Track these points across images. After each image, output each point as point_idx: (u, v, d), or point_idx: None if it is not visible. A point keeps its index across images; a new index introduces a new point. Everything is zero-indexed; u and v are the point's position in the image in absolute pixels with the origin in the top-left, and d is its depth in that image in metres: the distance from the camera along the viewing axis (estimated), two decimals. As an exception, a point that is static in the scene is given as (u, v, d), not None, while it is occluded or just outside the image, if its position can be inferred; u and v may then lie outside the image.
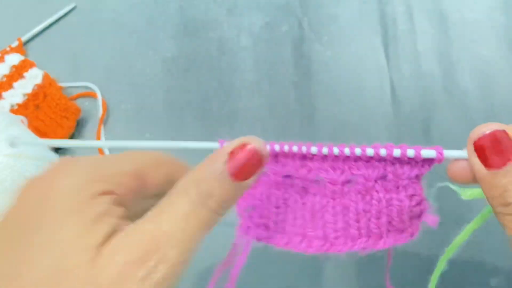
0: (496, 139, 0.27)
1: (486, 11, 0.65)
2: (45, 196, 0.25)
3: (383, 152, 0.28)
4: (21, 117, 0.55)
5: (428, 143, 0.58)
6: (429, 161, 0.29)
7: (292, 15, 0.66)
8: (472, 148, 0.27)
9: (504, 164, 0.26)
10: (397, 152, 0.28)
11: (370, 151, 0.28)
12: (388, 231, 0.29)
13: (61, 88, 0.61)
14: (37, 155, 0.51)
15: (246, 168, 0.26)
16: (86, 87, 0.62)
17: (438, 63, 0.62)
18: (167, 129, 0.60)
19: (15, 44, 0.63)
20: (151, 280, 0.24)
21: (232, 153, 0.26)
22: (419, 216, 0.30)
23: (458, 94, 0.61)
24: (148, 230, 0.25)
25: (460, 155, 0.29)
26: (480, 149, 0.27)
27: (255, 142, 0.27)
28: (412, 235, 0.29)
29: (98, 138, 0.59)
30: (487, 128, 0.27)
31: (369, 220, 0.29)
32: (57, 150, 0.58)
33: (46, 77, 0.60)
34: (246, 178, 0.27)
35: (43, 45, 0.65)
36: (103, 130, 0.60)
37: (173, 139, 0.59)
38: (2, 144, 0.49)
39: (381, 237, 0.29)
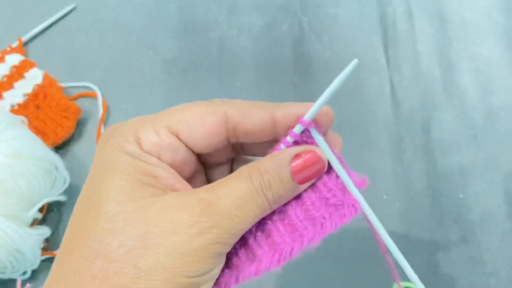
0: None
1: (486, 12, 0.65)
2: (104, 161, 0.28)
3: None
4: (22, 117, 0.55)
5: (428, 143, 0.58)
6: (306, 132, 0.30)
7: (292, 15, 0.66)
8: None
9: None
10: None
11: None
12: (329, 211, 0.29)
13: (61, 88, 0.61)
14: (38, 155, 0.51)
15: (308, 171, 0.29)
16: (86, 87, 0.62)
17: (438, 63, 0.62)
18: (167, 129, 0.60)
19: (15, 44, 0.63)
20: (203, 238, 0.25)
21: (297, 155, 0.29)
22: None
23: (458, 94, 0.61)
24: (205, 197, 0.26)
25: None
26: None
27: (319, 152, 0.29)
28: (354, 206, 0.29)
29: (98, 138, 0.59)
30: None
31: (307, 210, 0.29)
32: (57, 150, 0.58)
33: (46, 77, 0.60)
34: (303, 181, 0.29)
35: (43, 45, 0.65)
36: (103, 130, 0.60)
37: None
38: (2, 144, 0.49)
39: (324, 218, 0.29)
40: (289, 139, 0.30)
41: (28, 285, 0.43)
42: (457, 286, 0.52)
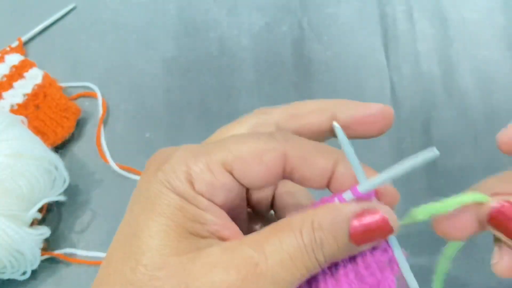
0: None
1: (486, 12, 0.65)
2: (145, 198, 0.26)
3: None
4: (21, 117, 0.55)
5: (428, 143, 0.58)
6: None
7: (292, 15, 0.66)
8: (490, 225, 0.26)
9: None
10: None
11: None
12: None
13: (61, 88, 0.60)
14: (37, 155, 0.51)
15: (370, 235, 0.25)
16: (86, 87, 0.62)
17: (438, 63, 0.62)
18: (167, 129, 0.60)
19: (15, 44, 0.63)
20: None
21: (360, 214, 0.25)
22: (389, 263, 0.27)
23: (458, 94, 0.61)
24: (251, 255, 0.24)
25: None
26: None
27: (387, 213, 0.26)
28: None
29: (98, 138, 0.59)
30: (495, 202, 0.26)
31: (338, 281, 0.26)
32: (57, 150, 0.58)
33: (46, 77, 0.60)
34: (363, 244, 0.25)
35: (43, 45, 0.65)
36: (103, 130, 0.60)
37: (173, 139, 0.60)
38: (2, 144, 0.49)
39: None
40: (346, 196, 0.26)
41: None
42: (457, 286, 0.52)
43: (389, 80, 0.62)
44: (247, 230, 0.30)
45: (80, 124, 0.60)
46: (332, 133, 0.28)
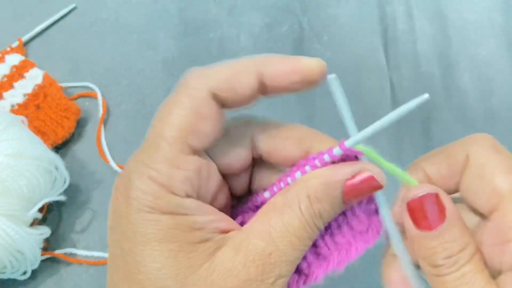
0: (427, 202, 0.26)
1: (486, 12, 0.65)
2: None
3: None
4: (22, 117, 0.55)
5: (428, 143, 0.58)
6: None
7: (292, 15, 0.66)
8: (405, 207, 0.27)
9: (434, 227, 0.26)
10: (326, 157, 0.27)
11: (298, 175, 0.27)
12: (353, 236, 0.28)
13: (61, 88, 0.61)
14: (38, 155, 0.51)
15: (361, 195, 0.27)
16: (86, 87, 0.62)
17: (438, 63, 0.62)
18: (167, 129, 0.60)
19: (15, 44, 0.63)
20: None
21: (351, 178, 0.27)
22: (375, 211, 0.29)
23: (457, 94, 0.61)
24: (263, 249, 0.25)
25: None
26: (411, 210, 0.26)
27: (375, 172, 0.27)
28: (377, 231, 0.29)
29: (98, 138, 0.59)
30: (420, 190, 0.27)
31: (332, 234, 0.28)
32: (57, 149, 0.58)
33: (46, 77, 0.60)
34: (353, 203, 0.28)
35: (43, 46, 0.65)
36: (103, 130, 0.60)
37: (173, 139, 0.59)
38: (3, 144, 0.49)
39: (350, 244, 0.28)
40: (326, 158, 0.27)
41: None
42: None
43: (389, 80, 0.62)
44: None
45: (80, 124, 0.60)
46: (260, 91, 0.30)
